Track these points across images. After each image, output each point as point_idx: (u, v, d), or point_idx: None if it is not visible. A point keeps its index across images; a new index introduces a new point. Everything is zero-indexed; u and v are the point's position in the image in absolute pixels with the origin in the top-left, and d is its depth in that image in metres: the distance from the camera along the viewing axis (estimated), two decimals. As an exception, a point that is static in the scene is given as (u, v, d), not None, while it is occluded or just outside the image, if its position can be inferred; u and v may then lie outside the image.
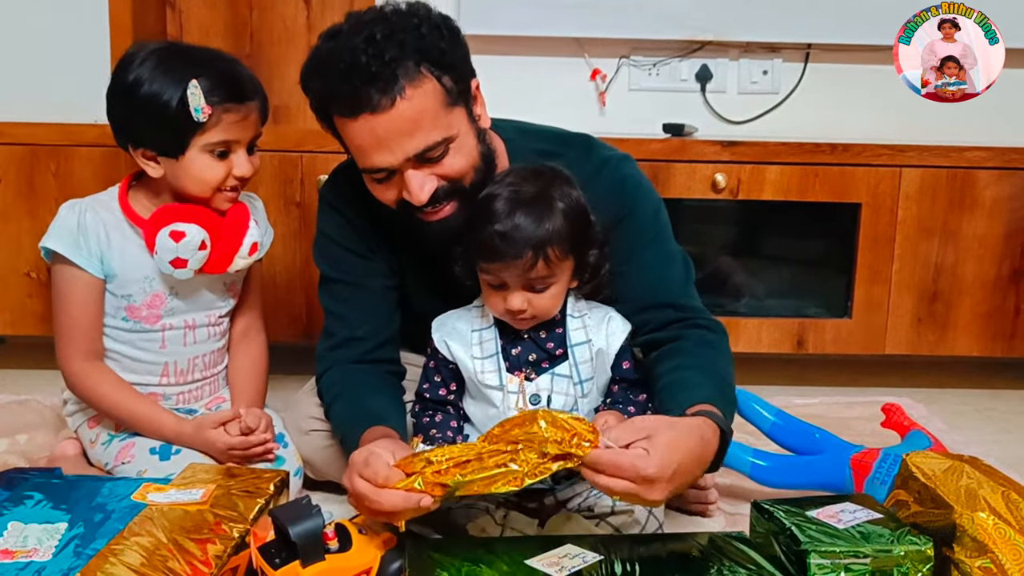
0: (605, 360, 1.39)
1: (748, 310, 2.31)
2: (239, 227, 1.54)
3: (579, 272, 1.37)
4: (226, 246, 1.52)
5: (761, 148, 2.20)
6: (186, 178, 1.47)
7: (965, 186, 2.21)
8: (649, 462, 1.08)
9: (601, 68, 2.54)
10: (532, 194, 1.30)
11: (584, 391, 1.38)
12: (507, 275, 1.30)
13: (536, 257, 1.28)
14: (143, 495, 1.25)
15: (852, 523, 1.18)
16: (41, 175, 2.15)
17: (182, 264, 1.48)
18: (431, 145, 1.30)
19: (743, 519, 1.54)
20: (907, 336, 2.26)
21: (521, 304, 1.31)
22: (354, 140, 1.31)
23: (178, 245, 1.46)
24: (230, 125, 1.45)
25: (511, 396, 1.36)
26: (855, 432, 2.03)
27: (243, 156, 1.48)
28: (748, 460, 1.58)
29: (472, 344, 1.39)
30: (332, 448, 1.55)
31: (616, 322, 1.40)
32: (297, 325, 2.22)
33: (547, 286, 1.32)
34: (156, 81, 1.41)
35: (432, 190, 1.33)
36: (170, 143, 1.45)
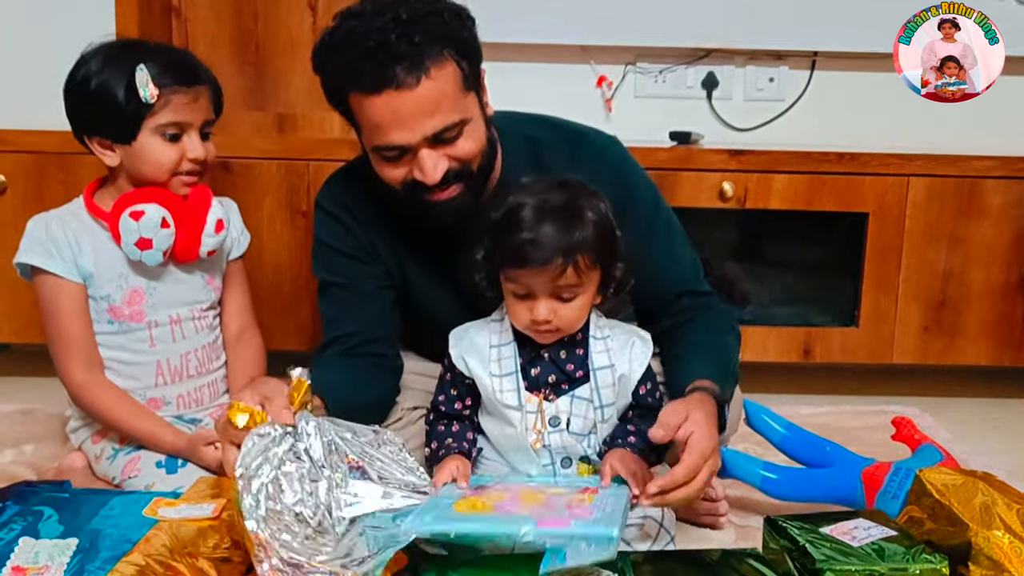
0: (627, 385, 1.37)
1: (755, 319, 2.31)
2: (201, 206, 1.56)
3: (604, 286, 1.35)
4: (191, 226, 1.54)
5: (768, 157, 2.20)
6: (141, 163, 1.50)
7: (973, 195, 2.20)
8: (702, 437, 1.22)
9: (607, 75, 2.53)
10: (561, 203, 1.30)
11: (604, 416, 1.36)
12: (535, 283, 1.29)
13: (566, 264, 1.27)
14: (154, 510, 1.24)
15: (866, 540, 1.18)
16: (48, 184, 2.14)
17: (147, 244, 1.49)
18: (449, 126, 1.34)
19: (753, 531, 1.54)
20: (914, 345, 2.25)
21: (547, 314, 1.30)
22: (373, 117, 1.33)
23: (138, 224, 1.48)
24: (179, 107, 1.49)
25: (529, 416, 1.35)
26: (863, 442, 2.02)
27: (196, 139, 1.52)
28: (759, 473, 1.57)
29: (490, 360, 1.37)
30: None
31: (639, 346, 1.38)
32: (304, 334, 2.21)
33: (574, 296, 1.31)
34: (105, 71, 1.47)
35: (444, 170, 1.36)
36: (122, 128, 1.48)
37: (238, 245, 1.68)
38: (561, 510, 1.19)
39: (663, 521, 1.34)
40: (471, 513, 1.19)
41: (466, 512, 1.20)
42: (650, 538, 1.31)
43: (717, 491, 1.55)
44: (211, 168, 1.60)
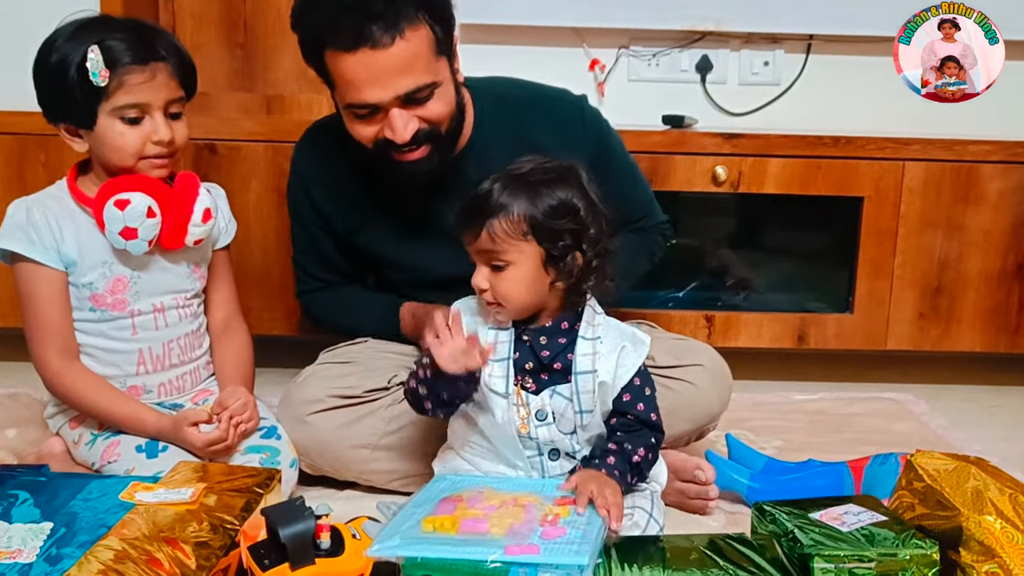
0: (608, 393, 1.33)
1: (749, 304, 2.29)
2: (188, 194, 1.51)
3: (550, 266, 1.30)
4: (177, 214, 1.49)
5: (762, 141, 2.17)
6: (104, 148, 1.45)
7: (969, 180, 2.18)
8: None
9: (600, 58, 2.51)
10: (527, 175, 1.30)
11: (583, 421, 1.33)
12: (470, 247, 1.31)
13: (480, 227, 1.27)
14: (131, 494, 1.21)
15: (856, 525, 1.16)
16: (31, 165, 2.12)
17: (132, 234, 1.45)
18: (420, 87, 1.41)
19: (743, 518, 1.52)
20: (910, 331, 2.23)
21: (481, 282, 1.30)
22: (347, 74, 1.39)
23: (124, 213, 1.43)
24: (135, 87, 1.42)
25: (514, 407, 1.32)
26: (857, 429, 2.02)
27: (160, 120, 1.44)
28: (745, 484, 1.56)
29: (487, 341, 1.34)
30: (335, 431, 1.54)
31: (628, 353, 1.33)
32: (292, 319, 2.19)
33: (504, 265, 1.29)
34: (62, 48, 1.41)
35: (414, 130, 1.43)
36: (80, 113, 1.43)
37: (225, 234, 1.64)
38: (533, 530, 1.16)
39: (652, 511, 1.32)
40: (438, 534, 1.16)
41: (433, 532, 1.17)
42: (639, 528, 1.29)
43: (708, 474, 1.52)
44: (183, 149, 1.53)
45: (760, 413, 2.07)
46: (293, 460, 1.52)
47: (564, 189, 1.30)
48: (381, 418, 1.56)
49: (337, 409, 1.55)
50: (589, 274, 1.33)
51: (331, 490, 1.60)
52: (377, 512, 1.35)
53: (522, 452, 1.34)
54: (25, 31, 2.33)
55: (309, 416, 1.55)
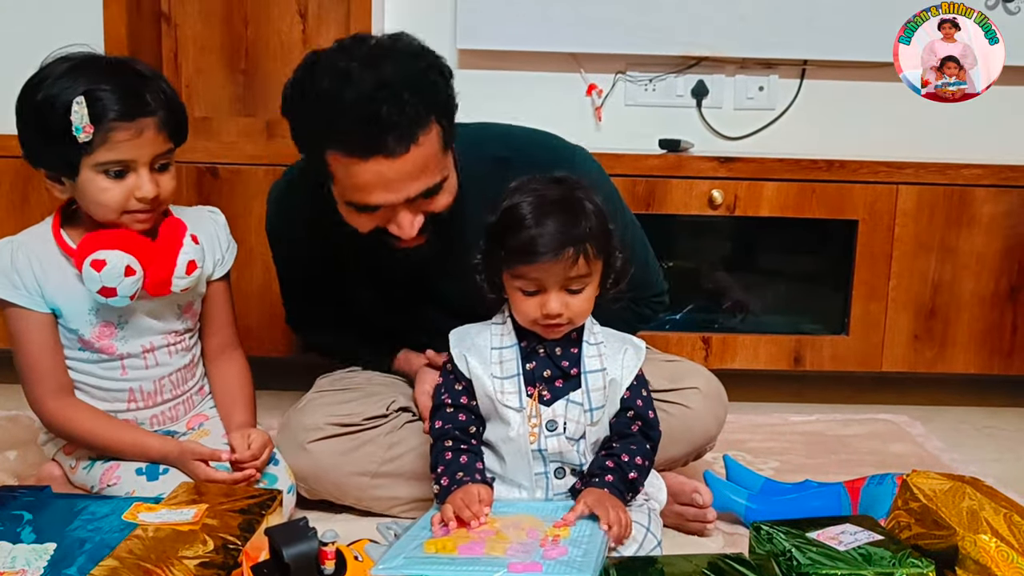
0: (617, 390, 1.36)
1: (745, 327, 2.30)
2: (171, 247, 1.45)
3: (606, 277, 1.35)
4: (159, 269, 1.44)
5: (758, 164, 2.20)
6: (86, 201, 1.40)
7: (962, 203, 2.21)
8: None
9: (597, 83, 2.53)
10: (559, 196, 1.31)
11: (593, 419, 1.35)
12: (546, 276, 1.29)
13: (577, 254, 1.28)
14: (133, 515, 1.22)
15: (853, 545, 1.17)
16: (36, 189, 2.13)
17: (111, 293, 1.41)
18: (432, 187, 1.37)
19: (741, 539, 1.53)
20: (904, 353, 2.25)
21: (559, 307, 1.30)
22: (356, 179, 1.33)
23: (100, 274, 1.38)
24: (119, 144, 1.35)
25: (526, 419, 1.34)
26: (852, 450, 2.03)
27: (145, 176, 1.38)
28: (743, 505, 1.57)
29: (491, 362, 1.36)
30: (335, 459, 1.55)
31: (631, 353, 1.38)
32: (289, 339, 2.20)
33: (583, 287, 1.31)
34: (48, 89, 1.35)
35: (419, 225, 1.40)
36: (61, 163, 1.38)
37: (221, 264, 1.58)
38: (534, 550, 1.17)
39: (650, 526, 1.32)
40: (440, 555, 1.17)
41: (435, 553, 1.18)
42: (637, 543, 1.29)
43: (705, 498, 1.54)
44: (169, 200, 1.47)
45: (757, 435, 2.09)
46: (291, 486, 1.52)
47: (594, 195, 1.34)
48: (380, 445, 1.57)
49: (337, 437, 1.56)
50: (627, 272, 1.36)
51: (330, 512, 1.61)
52: (378, 534, 1.36)
53: (530, 469, 1.35)
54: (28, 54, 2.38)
55: (309, 444, 1.55)
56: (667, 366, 1.66)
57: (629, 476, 1.32)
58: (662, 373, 1.60)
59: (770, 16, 2.45)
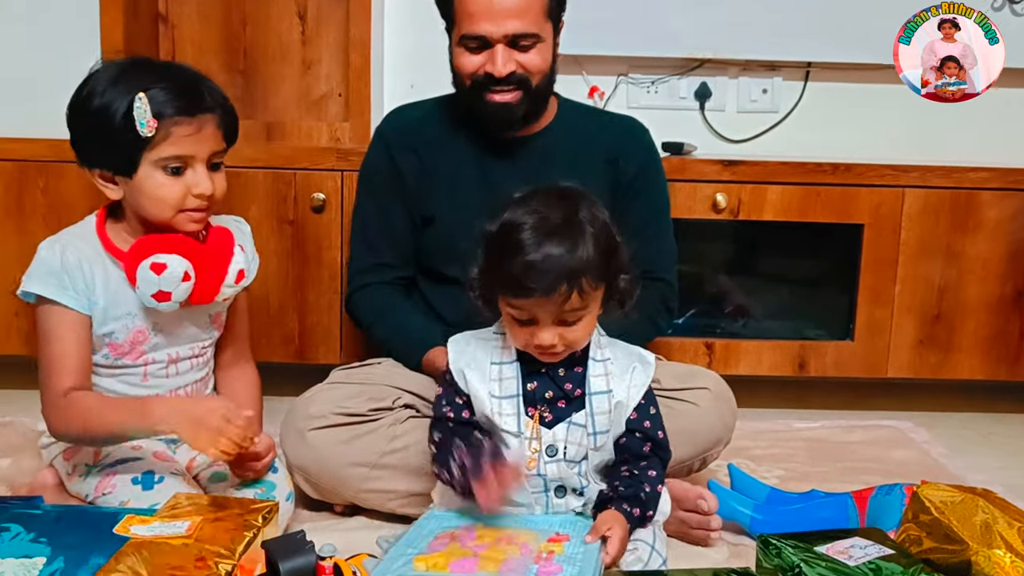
0: (623, 412, 1.32)
1: (749, 332, 2.28)
2: (224, 255, 1.47)
3: (608, 300, 1.31)
4: (211, 276, 1.45)
5: (762, 168, 2.17)
6: (142, 198, 1.40)
7: (968, 207, 2.18)
8: None
9: (599, 85, 2.50)
10: (560, 220, 1.25)
11: (597, 443, 1.32)
12: (538, 311, 1.24)
13: (570, 290, 1.22)
14: (126, 527, 1.19)
15: (863, 559, 1.14)
16: (30, 192, 2.11)
17: (166, 297, 1.41)
18: (527, 34, 1.60)
19: (746, 550, 1.50)
20: (909, 359, 2.22)
21: (552, 339, 1.26)
22: (469, 7, 1.60)
23: (160, 278, 1.39)
24: (181, 139, 1.37)
25: (525, 442, 1.31)
26: (857, 457, 2.00)
27: (202, 172, 1.40)
28: (748, 515, 1.54)
29: (491, 379, 1.32)
30: (334, 448, 1.54)
31: (639, 373, 1.34)
32: (290, 346, 2.18)
33: (579, 319, 1.26)
34: (106, 94, 1.36)
35: (511, 69, 1.61)
36: (121, 160, 1.38)
37: (248, 275, 1.55)
38: (528, 568, 1.14)
39: (654, 543, 1.30)
40: (431, 572, 1.14)
41: (426, 571, 1.15)
42: (642, 562, 1.27)
43: (710, 504, 1.51)
44: (220, 202, 1.46)
45: (761, 442, 2.06)
46: (289, 493, 1.50)
47: (600, 213, 1.28)
48: (382, 436, 1.55)
49: (339, 427, 1.55)
50: (632, 292, 1.32)
51: (329, 521, 1.58)
52: (377, 548, 1.33)
53: (528, 490, 1.32)
54: (23, 58, 2.36)
55: (310, 432, 1.55)
56: (678, 367, 1.66)
57: (648, 513, 1.30)
58: (671, 372, 1.60)
59: (774, 18, 2.42)
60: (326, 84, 2.45)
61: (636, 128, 1.82)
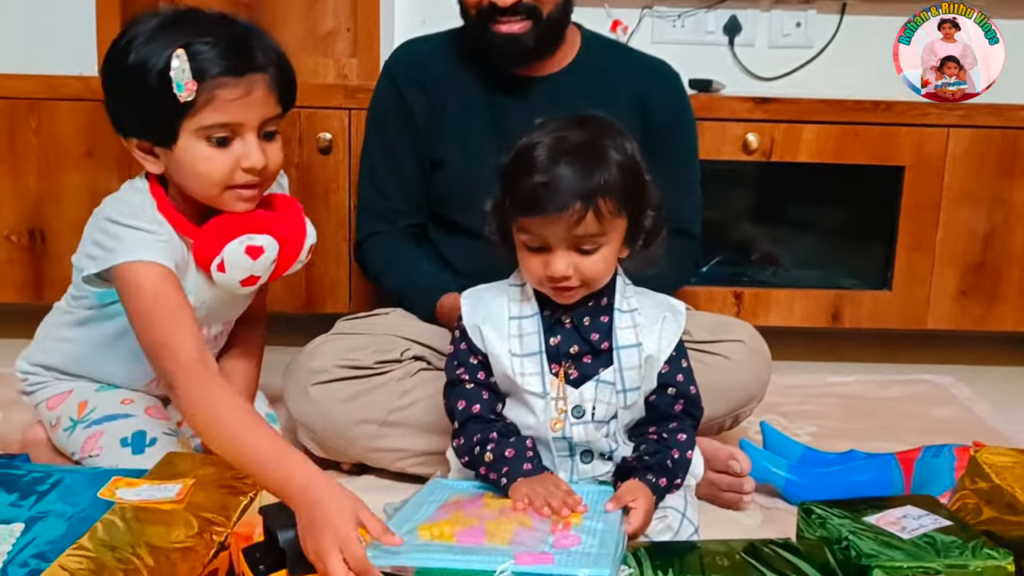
0: (654, 366, 1.22)
1: (780, 281, 2.16)
2: (298, 229, 1.32)
3: (632, 237, 1.20)
4: (288, 254, 1.31)
5: (796, 106, 2.04)
6: (183, 173, 1.22)
7: (1017, 148, 2.04)
8: None
9: (622, 19, 2.37)
10: (580, 141, 1.15)
11: (627, 401, 1.21)
12: (550, 232, 1.14)
13: (585, 208, 1.12)
14: (111, 491, 1.10)
15: (917, 531, 1.04)
16: (22, 132, 2.00)
17: (254, 282, 1.28)
18: None
19: (780, 514, 1.42)
20: (950, 310, 2.11)
21: (565, 268, 1.15)
22: None
23: (255, 263, 1.25)
24: (227, 103, 1.17)
25: (551, 403, 1.20)
26: (893, 414, 1.91)
27: (252, 142, 1.20)
28: (782, 476, 1.45)
29: (510, 336, 1.21)
30: (340, 404, 1.45)
31: (669, 323, 1.23)
32: (297, 296, 2.08)
33: (596, 247, 1.15)
34: (142, 49, 1.17)
35: None
36: (158, 128, 1.20)
37: None
38: (544, 539, 1.05)
39: (685, 511, 1.20)
40: (437, 542, 1.05)
41: (431, 540, 1.06)
42: (672, 530, 1.17)
43: (743, 465, 1.41)
44: (275, 176, 1.28)
45: (792, 397, 1.96)
46: None
47: (628, 145, 1.17)
48: (391, 392, 1.46)
49: (344, 381, 1.46)
50: (658, 232, 1.21)
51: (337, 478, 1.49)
52: (384, 515, 1.23)
53: (553, 454, 1.22)
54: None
55: (313, 387, 1.46)
56: (708, 317, 1.57)
57: (675, 481, 1.20)
58: (703, 324, 1.51)
59: (810, -55, 2.27)
60: (333, 19, 2.33)
61: (667, 71, 1.68)
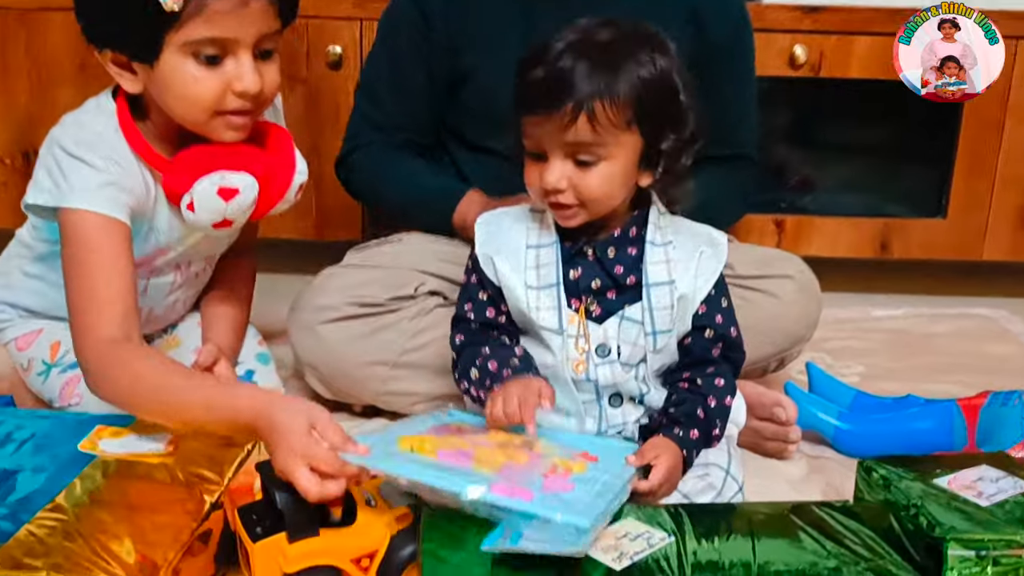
0: (688, 307, 1.09)
1: (825, 208, 2.01)
2: (286, 166, 1.18)
3: (647, 159, 1.06)
4: (271, 193, 1.17)
5: (849, 15, 1.87)
6: (167, 95, 1.08)
7: (1092, 61, 1.87)
8: None
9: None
10: (601, 41, 1.02)
11: (656, 345, 1.09)
12: (543, 134, 1.03)
13: (577, 111, 1.00)
14: (93, 442, 1.00)
15: (998, 498, 0.91)
16: (12, 47, 1.86)
17: (227, 225, 1.15)
18: None
19: (827, 464, 1.31)
20: (1010, 240, 1.96)
21: (558, 179, 1.03)
22: None
23: (229, 205, 1.12)
24: (219, 15, 1.03)
25: (570, 341, 1.08)
26: (943, 352, 1.78)
27: (247, 63, 1.07)
28: (832, 424, 1.33)
29: (527, 267, 1.09)
30: (349, 345, 1.34)
31: (708, 259, 1.10)
32: (307, 220, 1.96)
33: (595, 160, 1.03)
34: None
35: None
36: (137, 41, 1.06)
37: None
38: (532, 478, 0.93)
39: (729, 466, 1.08)
40: (415, 454, 0.96)
41: (410, 451, 0.97)
42: (715, 489, 1.06)
43: (789, 413, 1.29)
44: (270, 101, 1.15)
45: (837, 332, 1.83)
46: None
47: (663, 59, 1.04)
48: (403, 331, 1.35)
49: (353, 319, 1.35)
50: (678, 159, 1.07)
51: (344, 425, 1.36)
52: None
53: (576, 396, 1.10)
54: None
55: (320, 325, 1.35)
56: (754, 250, 1.44)
57: (712, 432, 1.08)
58: (748, 257, 1.38)
59: None
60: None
61: None
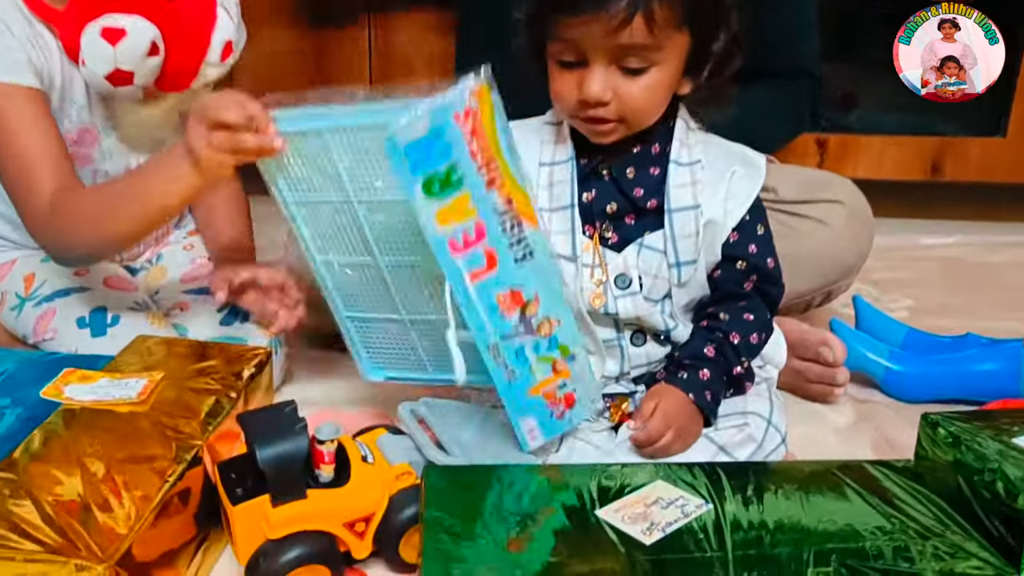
0: (717, 235, 0.96)
1: (870, 126, 1.88)
2: (204, 18, 1.07)
3: (694, 66, 0.93)
4: (188, 49, 1.06)
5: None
6: None
7: None
8: None
9: None
10: None
11: (681, 278, 0.96)
12: (588, 37, 0.89)
13: (633, 10, 0.87)
14: (59, 388, 0.89)
15: (1088, 460, 0.79)
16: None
17: (126, 79, 1.02)
18: None
19: (876, 410, 1.20)
20: (1076, 160, 1.81)
21: (601, 90, 0.90)
22: None
23: (116, 49, 1.00)
24: None
25: (585, 270, 0.96)
26: (999, 284, 1.65)
27: None
28: (882, 365, 1.21)
29: (539, 186, 0.97)
30: None
31: (740, 180, 0.96)
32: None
33: (646, 66, 0.90)
34: None
35: None
36: None
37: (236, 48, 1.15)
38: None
39: (771, 416, 0.96)
40: None
41: None
42: (755, 442, 0.94)
43: (836, 353, 1.17)
44: None
45: (883, 262, 1.68)
46: (272, 341, 1.14)
47: None
48: None
49: None
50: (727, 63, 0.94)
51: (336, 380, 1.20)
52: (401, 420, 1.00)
53: (595, 332, 0.98)
54: None
55: None
56: (799, 172, 1.32)
57: (733, 370, 0.97)
58: (793, 179, 1.25)
59: None
60: None
61: None
